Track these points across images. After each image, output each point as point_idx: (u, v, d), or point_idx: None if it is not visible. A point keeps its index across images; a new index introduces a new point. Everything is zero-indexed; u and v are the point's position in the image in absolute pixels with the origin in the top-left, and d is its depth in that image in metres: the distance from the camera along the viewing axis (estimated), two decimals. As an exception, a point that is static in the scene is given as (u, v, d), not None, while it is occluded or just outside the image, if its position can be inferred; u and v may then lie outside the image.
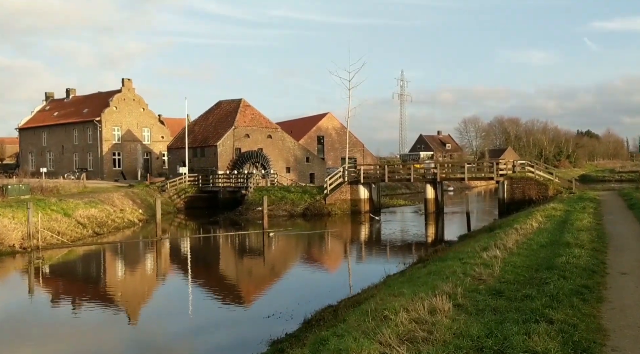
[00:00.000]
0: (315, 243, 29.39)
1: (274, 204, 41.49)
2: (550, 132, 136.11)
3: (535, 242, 14.26)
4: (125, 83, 60.23)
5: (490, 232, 20.39)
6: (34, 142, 64.75)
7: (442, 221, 38.44)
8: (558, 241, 14.07)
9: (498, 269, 9.90)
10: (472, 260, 11.54)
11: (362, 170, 42.03)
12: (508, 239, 14.91)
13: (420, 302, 7.11)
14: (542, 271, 9.92)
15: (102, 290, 18.06)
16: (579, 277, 9.12)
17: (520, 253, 12.49)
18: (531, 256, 11.98)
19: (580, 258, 10.96)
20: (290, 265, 23.02)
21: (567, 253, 11.52)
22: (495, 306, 7.26)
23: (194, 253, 26.34)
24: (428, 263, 13.88)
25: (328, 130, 72.18)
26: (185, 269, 22.13)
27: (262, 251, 26.81)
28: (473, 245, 15.26)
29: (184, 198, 47.25)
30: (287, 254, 26.38)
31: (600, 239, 14.91)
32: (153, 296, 17.37)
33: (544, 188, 36.65)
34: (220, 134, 51.64)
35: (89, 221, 30.26)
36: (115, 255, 25.18)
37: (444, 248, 19.73)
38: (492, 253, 12.20)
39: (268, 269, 22.06)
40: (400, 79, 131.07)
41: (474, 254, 12.67)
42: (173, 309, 15.24)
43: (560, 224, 18.47)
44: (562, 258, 10.90)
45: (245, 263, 23.73)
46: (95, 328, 13.28)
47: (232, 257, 25.70)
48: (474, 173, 42.89)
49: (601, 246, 13.52)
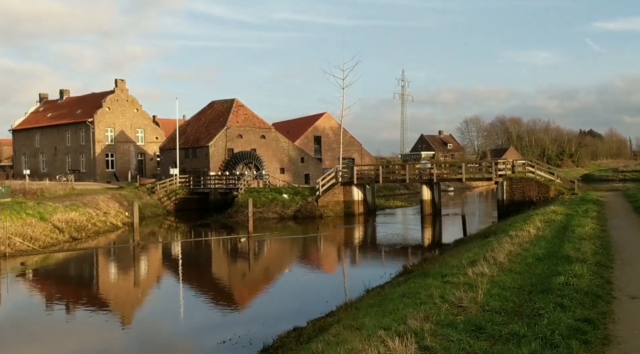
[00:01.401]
0: (302, 249, 27.90)
1: (265, 206, 40.06)
2: (552, 131, 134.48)
3: (530, 254, 12.75)
4: (119, 83, 58.82)
5: (484, 239, 18.87)
6: (27, 144, 63.44)
7: (439, 223, 36.93)
8: (557, 253, 12.56)
9: (483, 292, 8.39)
10: (456, 278, 10.05)
11: (356, 170, 40.49)
12: (500, 250, 13.40)
13: (375, 345, 5.61)
14: (536, 296, 8.42)
15: (64, 300, 16.62)
16: (580, 305, 7.60)
17: (513, 268, 10.98)
18: (525, 274, 10.47)
19: (581, 278, 9.44)
20: (267, 275, 21.43)
21: (567, 271, 10.01)
22: (471, 351, 5.75)
23: (168, 260, 24.83)
24: (410, 278, 12.39)
25: (325, 130, 70.64)
26: (155, 278, 20.67)
27: (241, 258, 25.35)
28: (461, 256, 13.76)
29: (174, 200, 45.82)
30: (268, 261, 24.86)
31: (605, 250, 13.40)
32: (113, 307, 15.90)
33: (544, 189, 35.11)
34: (212, 135, 50.18)
35: (67, 226, 28.83)
36: (86, 263, 23.71)
37: (433, 257, 18.25)
38: (480, 269, 10.70)
39: (240, 281, 20.47)
40: (401, 79, 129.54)
41: (458, 269, 11.17)
42: (132, 324, 13.78)
43: (561, 231, 16.96)
44: (560, 278, 9.39)
45: (216, 273, 22.11)
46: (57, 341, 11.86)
47: (205, 266, 24.08)
48: (472, 174, 41.29)
49: (606, 260, 12.00)
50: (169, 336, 12.80)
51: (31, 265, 22.04)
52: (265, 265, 23.51)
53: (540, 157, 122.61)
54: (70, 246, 26.84)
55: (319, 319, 11.08)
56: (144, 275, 21.72)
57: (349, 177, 40.81)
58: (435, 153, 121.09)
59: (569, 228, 17.01)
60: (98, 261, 24.31)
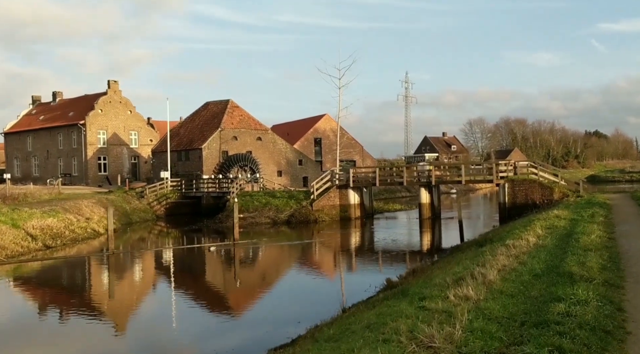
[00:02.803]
0: (291, 256, 26.29)
1: (257, 210, 38.52)
2: (557, 132, 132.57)
3: (527, 269, 11.09)
4: (112, 85, 57.36)
5: (479, 248, 17.19)
6: (19, 147, 62.09)
7: (439, 228, 35.24)
8: (558, 269, 10.89)
9: (463, 326, 6.76)
10: (434, 303, 8.41)
11: (352, 173, 38.85)
12: (493, 263, 11.74)
13: None
14: (529, 330, 6.78)
15: (7, 316, 15.07)
16: (585, 348, 5.96)
17: (504, 289, 9.33)
18: (518, 297, 8.82)
19: (587, 305, 7.76)
20: (241, 291, 19.80)
21: (568, 295, 8.34)
22: None
23: (139, 271, 23.18)
24: (387, 297, 10.75)
25: (326, 131, 69.03)
26: (124, 291, 19.10)
27: (220, 269, 23.76)
28: (448, 271, 12.13)
29: (165, 205, 44.33)
30: (247, 273, 23.18)
31: (614, 263, 11.70)
32: (68, 326, 14.33)
33: (548, 191, 33.35)
34: (206, 136, 48.66)
35: (42, 233, 27.28)
36: (54, 274, 22.12)
37: (421, 268, 16.67)
38: (464, 290, 9.04)
39: (209, 296, 18.81)
40: (404, 81, 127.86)
41: (440, 290, 9.53)
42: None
43: (564, 239, 15.27)
44: (560, 305, 7.73)
45: (184, 286, 20.28)
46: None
47: (180, 277, 22.30)
48: (473, 176, 39.55)
49: (615, 277, 10.31)
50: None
51: None
52: (244, 277, 21.84)
53: (545, 158, 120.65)
54: (44, 255, 25.29)
55: (277, 349, 9.45)
56: (110, 286, 20.14)
57: (345, 179, 39.22)
58: (439, 154, 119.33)
59: (573, 236, 15.33)
60: (65, 272, 22.66)
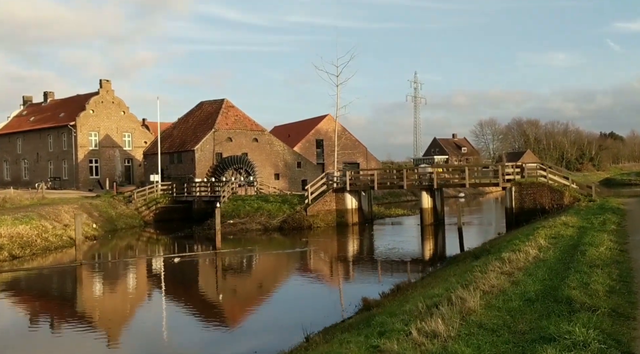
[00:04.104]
0: (280, 266, 24.26)
1: (248, 216, 36.53)
2: (571, 134, 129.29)
3: (519, 292, 9.00)
4: (104, 84, 55.64)
5: (474, 261, 15.07)
6: (9, 150, 60.43)
7: (442, 235, 32.97)
8: (556, 292, 8.79)
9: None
10: (390, 342, 6.37)
11: (348, 176, 36.70)
12: (480, 284, 9.68)
13: None
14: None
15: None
16: None
17: (484, 322, 7.25)
18: (499, 332, 6.76)
19: (585, 350, 5.66)
20: (210, 309, 17.81)
21: (563, 333, 6.25)
22: None
23: (101, 284, 21.20)
24: (349, 328, 8.69)
25: (328, 132, 66.90)
26: (86, 309, 17.14)
27: (194, 281, 21.79)
28: (427, 292, 10.03)
29: (155, 210, 42.46)
30: (223, 286, 21.17)
31: (624, 284, 9.51)
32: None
33: (558, 195, 31.03)
34: (199, 138, 46.77)
35: (10, 242, 25.40)
36: (9, 287, 20.22)
37: (405, 285, 14.59)
38: (433, 324, 6.99)
39: (183, 312, 16.88)
40: (413, 81, 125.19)
41: (406, 322, 7.50)
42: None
43: (568, 251, 13.14)
44: (549, 351, 5.64)
45: (161, 300, 18.47)
46: None
47: (150, 290, 20.35)
48: (478, 178, 37.20)
49: (625, 304, 8.16)
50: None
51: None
52: (222, 290, 19.82)
53: (559, 160, 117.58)
54: (11, 265, 23.42)
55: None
56: (73, 301, 18.20)
57: (341, 183, 37.11)
58: (449, 157, 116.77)
59: (580, 248, 13.18)
60: (24, 284, 20.74)
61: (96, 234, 33.57)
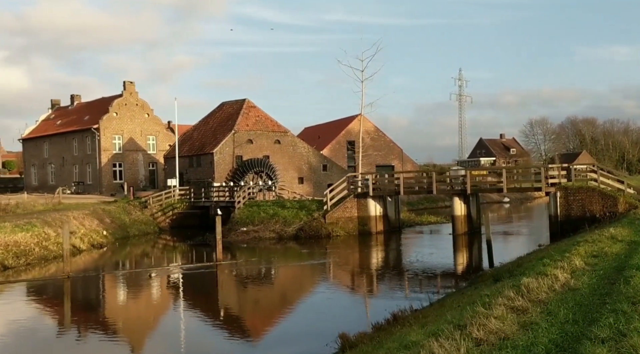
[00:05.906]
0: (291, 282, 21.27)
1: (263, 223, 33.76)
2: (632, 133, 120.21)
3: (523, 345, 5.78)
4: (127, 86, 54.11)
5: (492, 284, 11.60)
6: (36, 154, 59.89)
7: (478, 246, 29.16)
8: (577, 346, 5.42)
9: None
10: None
11: (371, 179, 33.32)
12: (474, 329, 6.32)
13: None
14: None
15: None
16: None
17: None
18: None
19: None
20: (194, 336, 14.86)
21: None
22: None
23: (84, 299, 18.82)
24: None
25: (360, 133, 63.37)
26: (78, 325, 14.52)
27: (187, 298, 18.96)
28: (404, 338, 6.74)
29: (171, 216, 40.30)
30: (214, 304, 18.22)
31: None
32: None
33: (611, 201, 26.91)
34: (218, 140, 44.35)
35: (5, 251, 23.73)
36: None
37: (402, 316, 11.34)
38: None
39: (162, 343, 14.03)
40: (458, 79, 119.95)
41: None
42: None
43: (609, 277, 9.74)
44: None
45: (127, 327, 15.72)
46: None
47: (144, 309, 17.79)
48: (518, 182, 33.10)
49: None
50: None
51: None
52: (206, 310, 16.88)
53: (619, 162, 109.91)
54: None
55: None
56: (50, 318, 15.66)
57: (364, 187, 33.77)
58: (497, 158, 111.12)
59: (625, 273, 9.68)
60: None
61: (105, 241, 31.58)
